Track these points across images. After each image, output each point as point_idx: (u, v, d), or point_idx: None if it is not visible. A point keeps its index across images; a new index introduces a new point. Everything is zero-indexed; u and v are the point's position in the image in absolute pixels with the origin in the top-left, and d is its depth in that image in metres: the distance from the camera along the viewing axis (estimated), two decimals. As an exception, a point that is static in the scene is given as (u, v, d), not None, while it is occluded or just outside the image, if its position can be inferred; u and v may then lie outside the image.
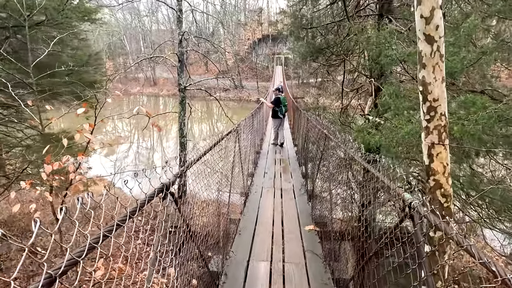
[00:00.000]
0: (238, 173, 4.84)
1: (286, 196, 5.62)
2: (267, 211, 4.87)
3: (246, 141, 6.21)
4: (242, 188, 5.45)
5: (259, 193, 5.78)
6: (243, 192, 5.50)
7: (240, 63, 46.52)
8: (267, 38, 50.47)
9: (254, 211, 4.86)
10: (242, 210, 4.90)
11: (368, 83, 8.16)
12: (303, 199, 5.46)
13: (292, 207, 5.06)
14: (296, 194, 5.73)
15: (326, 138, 4.11)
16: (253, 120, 7.49)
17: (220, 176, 3.49)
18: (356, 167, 3.15)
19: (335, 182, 3.71)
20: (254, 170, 7.37)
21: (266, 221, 4.45)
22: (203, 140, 3.01)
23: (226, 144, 3.79)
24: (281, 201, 5.36)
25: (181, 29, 11.16)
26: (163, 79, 49.93)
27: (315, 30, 9.39)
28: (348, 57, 8.97)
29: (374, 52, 4.20)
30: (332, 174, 3.84)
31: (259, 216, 4.63)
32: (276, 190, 5.99)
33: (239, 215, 4.62)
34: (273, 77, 38.84)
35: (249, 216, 4.64)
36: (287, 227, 4.25)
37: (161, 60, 15.62)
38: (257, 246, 3.69)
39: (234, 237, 3.93)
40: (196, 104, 39.71)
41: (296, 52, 10.68)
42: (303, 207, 5.08)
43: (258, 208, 4.99)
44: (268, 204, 5.21)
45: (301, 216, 4.66)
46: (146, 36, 54.94)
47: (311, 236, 4.01)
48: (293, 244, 3.78)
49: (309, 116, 6.88)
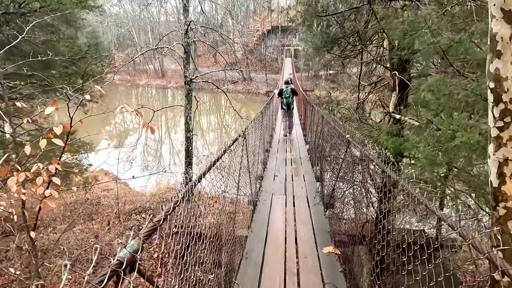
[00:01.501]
0: (245, 183, 4.21)
1: (299, 205, 4.95)
2: (278, 225, 4.22)
3: (255, 141, 5.56)
4: (249, 196, 4.82)
5: (268, 201, 5.13)
6: (251, 201, 4.86)
7: (249, 54, 45.63)
8: (277, 29, 49.34)
9: (263, 225, 4.21)
10: (250, 224, 4.26)
11: (389, 76, 7.40)
12: (318, 209, 4.79)
13: (306, 220, 4.40)
14: (311, 202, 5.06)
15: (349, 146, 3.42)
16: (263, 117, 6.82)
17: (225, 189, 2.86)
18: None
19: (361, 204, 3.03)
20: (263, 172, 6.72)
21: (277, 239, 3.81)
22: (207, 155, 2.34)
23: (231, 153, 3.15)
24: (294, 212, 4.70)
25: (187, 19, 10.51)
26: (171, 71, 49.38)
27: (330, 18, 8.62)
28: (366, 47, 8.18)
29: (409, 39, 3.48)
30: (356, 197, 3.17)
31: (269, 233, 3.97)
32: (288, 197, 5.33)
33: (246, 231, 3.98)
34: (282, 69, 37.98)
35: (257, 233, 4.00)
36: (302, 249, 3.59)
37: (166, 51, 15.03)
38: (267, 277, 3.05)
39: (240, 263, 3.29)
40: (204, 96, 39.10)
41: (309, 43, 9.91)
42: (319, 220, 4.41)
43: (268, 221, 4.34)
44: (279, 216, 4.56)
45: (317, 233, 4.00)
46: (155, 28, 54.26)
47: (331, 261, 3.35)
48: (310, 273, 3.13)
49: (324, 113, 6.17)
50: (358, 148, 3.10)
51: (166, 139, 24.25)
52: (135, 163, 17.88)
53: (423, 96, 3.11)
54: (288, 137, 10.60)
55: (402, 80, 5.96)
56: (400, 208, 2.39)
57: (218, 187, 2.64)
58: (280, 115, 11.69)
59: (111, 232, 9.08)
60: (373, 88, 8.87)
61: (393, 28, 4.74)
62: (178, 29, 14.33)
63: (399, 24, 3.98)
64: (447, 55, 3.16)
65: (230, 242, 3.04)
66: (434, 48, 3.06)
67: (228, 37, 24.88)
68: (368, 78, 9.83)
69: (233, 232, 3.32)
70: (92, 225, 9.57)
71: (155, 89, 48.55)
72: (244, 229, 4.01)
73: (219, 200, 2.77)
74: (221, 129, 26.97)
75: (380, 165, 2.41)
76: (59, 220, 10.06)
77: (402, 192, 2.34)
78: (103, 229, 9.43)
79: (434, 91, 2.99)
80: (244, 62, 43.21)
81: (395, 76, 6.05)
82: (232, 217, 3.31)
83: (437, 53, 3.01)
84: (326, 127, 5.93)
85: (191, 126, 10.04)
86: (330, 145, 5.31)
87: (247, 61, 43.61)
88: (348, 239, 3.53)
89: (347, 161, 3.74)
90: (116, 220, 9.79)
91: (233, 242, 3.23)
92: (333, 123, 4.62)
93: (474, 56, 2.79)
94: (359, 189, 3.32)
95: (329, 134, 5.44)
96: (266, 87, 38.92)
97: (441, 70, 4.33)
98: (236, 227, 3.64)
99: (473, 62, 3.14)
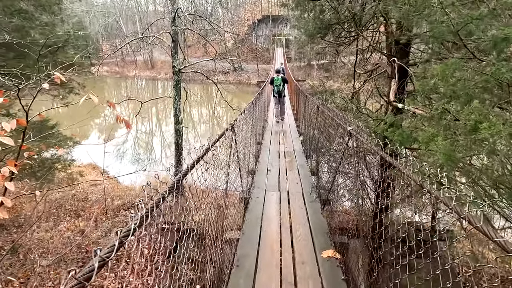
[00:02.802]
0: (235, 179, 3.83)
1: (294, 203, 4.60)
2: (272, 226, 3.86)
3: (246, 133, 5.17)
4: (240, 193, 4.45)
5: (261, 199, 4.76)
6: (242, 198, 4.49)
7: (239, 44, 44.86)
8: (268, 18, 48.54)
9: (256, 226, 3.85)
10: (241, 224, 3.89)
11: (386, 63, 7.06)
12: (315, 207, 4.44)
13: (303, 220, 4.04)
14: (307, 199, 4.71)
15: (350, 138, 3.06)
16: (254, 108, 6.41)
17: (215, 183, 2.50)
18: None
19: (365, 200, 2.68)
20: (255, 166, 6.35)
21: (271, 243, 3.44)
22: (197, 148, 2.03)
23: (218, 148, 2.76)
24: (289, 210, 4.34)
25: (174, 6, 10.01)
26: (161, 62, 48.51)
27: (324, 2, 8.19)
28: (362, 32, 7.79)
29: (417, 19, 3.09)
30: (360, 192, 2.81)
31: (262, 236, 3.61)
32: (282, 193, 4.97)
33: (237, 233, 3.61)
34: (273, 59, 37.39)
35: (249, 235, 3.63)
36: (299, 253, 3.24)
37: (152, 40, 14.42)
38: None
39: (230, 272, 2.92)
40: (195, 88, 38.48)
41: (302, 29, 9.50)
42: (317, 219, 4.07)
43: (261, 222, 3.97)
44: (273, 215, 4.19)
45: (315, 234, 3.65)
46: (143, 18, 53.02)
47: (331, 267, 3.01)
48: (308, 283, 2.77)
49: (320, 104, 5.79)
50: (361, 141, 2.74)
51: (157, 131, 23.78)
52: (125, 156, 17.43)
53: (434, 83, 2.75)
54: (280, 122, 11.16)
55: (400, 67, 5.60)
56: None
57: (205, 185, 2.26)
58: (272, 102, 12.31)
59: (99, 230, 8.69)
60: (369, 77, 8.51)
61: (395, 9, 4.36)
62: (163, 17, 13.74)
63: (403, 3, 3.59)
64: (460, 36, 2.80)
65: (217, 249, 2.68)
66: (447, 27, 2.69)
67: (218, 25, 24.22)
68: (363, 66, 9.48)
69: (222, 237, 2.95)
70: (78, 222, 9.15)
71: (144, 80, 47.70)
72: (234, 231, 3.64)
73: (206, 200, 2.38)
74: (212, 121, 26.53)
75: (395, 164, 2.05)
76: (44, 218, 9.61)
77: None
78: (90, 226, 9.02)
79: (447, 77, 2.63)
80: (235, 52, 42.46)
81: (394, 62, 5.69)
82: (220, 221, 2.94)
83: (451, 32, 2.63)
84: (321, 117, 5.57)
85: (180, 118, 9.62)
86: (325, 136, 4.96)
87: (238, 51, 42.87)
88: (351, 239, 3.20)
89: (348, 155, 3.38)
90: (104, 216, 9.41)
91: (221, 248, 2.87)
92: (331, 113, 4.24)
93: (495, 36, 2.42)
94: (361, 184, 2.98)
95: (325, 126, 5.08)
96: (257, 78, 38.36)
97: (444, 54, 3.97)
98: (226, 229, 3.28)
99: (489, 43, 2.78)
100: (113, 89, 43.91)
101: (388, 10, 5.49)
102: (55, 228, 8.83)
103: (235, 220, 3.83)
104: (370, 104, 8.79)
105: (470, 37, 3.11)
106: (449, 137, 2.08)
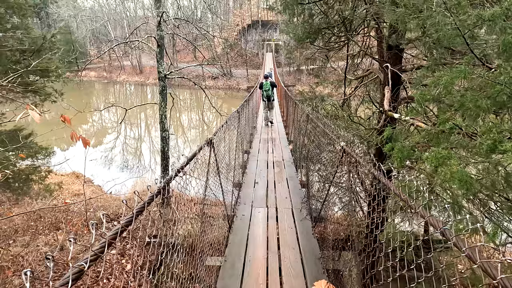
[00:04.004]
0: (217, 195, 3.44)
1: (283, 222, 4.21)
2: (259, 250, 3.46)
3: (230, 144, 4.80)
4: (224, 209, 4.06)
5: (247, 216, 4.37)
6: (226, 215, 4.09)
7: (229, 49, 44.58)
8: (257, 23, 48.44)
9: (241, 251, 3.45)
10: (224, 249, 3.49)
11: (378, 69, 6.79)
12: (306, 226, 4.07)
13: (292, 242, 3.66)
14: (296, 217, 4.34)
15: (343, 155, 2.70)
16: (240, 117, 6.04)
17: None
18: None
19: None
20: (242, 178, 5.97)
21: (257, 272, 3.04)
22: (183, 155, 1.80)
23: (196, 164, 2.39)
24: (277, 231, 3.96)
25: (160, 9, 9.65)
26: (149, 67, 48.02)
27: (313, 6, 7.90)
28: (353, 37, 7.52)
29: (418, 20, 2.77)
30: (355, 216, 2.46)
31: (247, 263, 3.20)
32: (270, 210, 4.59)
33: (218, 260, 3.21)
34: (263, 64, 37.18)
35: (232, 262, 3.22)
36: (288, 285, 2.85)
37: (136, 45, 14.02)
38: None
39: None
40: (185, 93, 38.03)
41: (290, 34, 9.21)
42: (308, 241, 3.69)
43: (247, 245, 3.58)
44: (260, 237, 3.80)
45: (306, 260, 3.27)
46: (132, 23, 52.49)
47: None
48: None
49: (310, 113, 5.46)
50: (357, 160, 2.39)
51: (146, 137, 23.31)
52: (113, 163, 16.93)
53: (438, 93, 2.42)
54: (270, 129, 11.25)
55: (393, 74, 5.30)
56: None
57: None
58: (261, 107, 12.54)
59: (79, 243, 8.14)
60: (360, 83, 8.24)
61: (388, 12, 4.06)
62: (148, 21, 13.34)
63: (397, 5, 3.28)
64: (466, 39, 2.48)
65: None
66: (454, 30, 2.37)
67: (207, 31, 23.83)
68: (354, 72, 9.23)
69: (202, 262, 2.56)
70: (57, 235, 8.61)
71: (133, 85, 47.13)
72: (216, 256, 3.25)
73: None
74: (202, 126, 26.15)
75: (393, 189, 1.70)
76: (21, 231, 9.04)
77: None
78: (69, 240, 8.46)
79: (452, 87, 2.30)
80: (225, 57, 42.16)
81: (387, 69, 5.38)
82: (197, 251, 2.55)
83: (458, 36, 2.31)
84: (311, 125, 5.23)
85: (166, 125, 9.23)
86: (315, 145, 4.61)
87: (227, 56, 42.58)
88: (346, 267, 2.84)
89: (341, 171, 3.04)
90: (86, 229, 8.89)
91: (199, 280, 2.47)
92: (322, 125, 3.89)
93: (507, 40, 2.11)
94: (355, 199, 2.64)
95: (315, 134, 4.74)
96: (247, 83, 38.09)
97: (447, 61, 3.66)
98: (206, 255, 2.89)
99: (498, 48, 2.47)
100: (101, 94, 43.23)
101: (381, 13, 5.21)
102: (32, 242, 8.29)
103: (217, 243, 3.44)
104: (362, 110, 8.52)
105: (473, 42, 2.82)
106: (464, 161, 1.74)
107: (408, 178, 1.96)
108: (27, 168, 9.07)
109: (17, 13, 6.46)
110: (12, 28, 6.74)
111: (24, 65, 7.34)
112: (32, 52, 7.33)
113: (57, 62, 8.51)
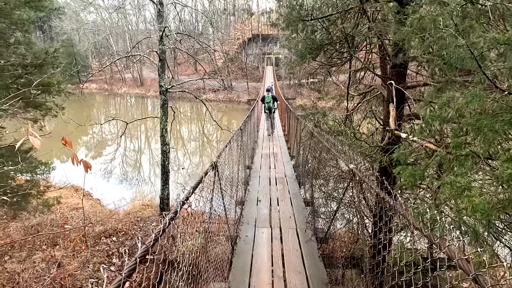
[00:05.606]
0: (219, 220, 3.34)
1: (288, 243, 4.09)
2: (264, 275, 3.34)
3: (233, 166, 4.72)
4: (227, 231, 3.95)
5: (251, 237, 4.26)
6: (229, 237, 3.98)
7: (229, 63, 44.97)
8: (257, 37, 48.98)
9: (245, 275, 3.33)
10: (227, 274, 3.37)
11: (381, 85, 6.75)
12: (311, 247, 3.95)
13: (298, 266, 3.53)
14: (301, 238, 4.22)
15: (353, 179, 2.62)
16: (243, 134, 5.98)
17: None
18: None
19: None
20: (244, 196, 5.86)
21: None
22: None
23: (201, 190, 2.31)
24: (282, 253, 3.84)
25: (162, 24, 9.72)
26: (150, 80, 48.34)
27: (315, 22, 7.93)
28: (355, 53, 7.51)
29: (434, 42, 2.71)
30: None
31: (251, 290, 3.09)
32: (274, 230, 4.48)
33: (222, 286, 3.09)
34: (263, 78, 37.41)
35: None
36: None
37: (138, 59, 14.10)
38: None
39: None
40: (185, 105, 38.14)
41: (292, 49, 9.24)
42: (314, 265, 3.56)
43: (251, 269, 3.46)
44: (264, 260, 3.68)
45: (312, 285, 3.15)
46: (133, 36, 53.08)
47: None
48: None
49: (314, 130, 5.39)
50: (369, 185, 2.31)
51: (146, 149, 23.24)
52: (112, 176, 16.77)
53: (450, 115, 2.36)
54: (271, 142, 11.46)
55: (397, 91, 5.25)
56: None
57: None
58: (263, 118, 13.51)
59: (76, 260, 7.98)
60: (363, 99, 8.21)
61: (393, 31, 4.04)
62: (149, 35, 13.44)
63: (418, 20, 3.24)
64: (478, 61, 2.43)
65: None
66: (464, 52, 2.32)
67: (207, 45, 24.05)
68: (357, 87, 9.20)
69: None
70: (54, 251, 8.43)
71: (134, 98, 47.37)
72: (219, 282, 3.13)
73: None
74: (202, 139, 26.13)
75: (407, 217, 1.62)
76: (17, 247, 8.88)
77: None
78: (68, 256, 8.30)
79: (462, 110, 2.24)
80: (225, 70, 42.47)
81: (391, 86, 5.33)
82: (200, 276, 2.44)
83: (470, 58, 2.26)
84: (313, 141, 5.17)
85: (167, 139, 9.18)
86: (319, 161, 4.53)
87: (228, 70, 42.89)
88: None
89: (349, 195, 2.95)
90: (84, 245, 8.71)
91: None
92: (327, 144, 3.81)
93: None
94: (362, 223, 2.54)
95: (319, 149, 4.66)
96: (247, 96, 38.25)
97: (438, 80, 3.60)
98: (210, 279, 2.78)
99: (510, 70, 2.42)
100: (102, 106, 43.36)
101: (384, 31, 5.20)
102: (28, 258, 8.13)
103: (220, 267, 3.32)
104: (364, 125, 8.46)
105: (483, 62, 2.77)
106: (486, 192, 1.66)
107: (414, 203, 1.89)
108: (26, 183, 8.96)
109: (20, 28, 6.48)
110: (15, 43, 6.74)
111: (26, 80, 7.33)
112: (34, 67, 7.32)
113: (59, 76, 8.47)
